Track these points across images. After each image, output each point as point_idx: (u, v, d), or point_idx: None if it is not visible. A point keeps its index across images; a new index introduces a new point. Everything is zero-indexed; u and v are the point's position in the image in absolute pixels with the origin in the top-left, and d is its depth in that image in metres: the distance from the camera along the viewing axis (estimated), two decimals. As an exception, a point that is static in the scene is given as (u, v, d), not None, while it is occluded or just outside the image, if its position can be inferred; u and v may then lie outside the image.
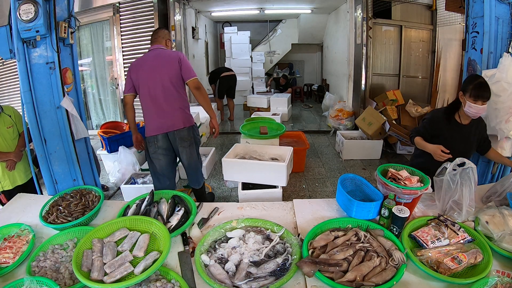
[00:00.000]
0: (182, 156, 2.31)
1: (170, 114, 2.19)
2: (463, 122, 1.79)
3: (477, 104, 1.64)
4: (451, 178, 1.46)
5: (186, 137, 2.24)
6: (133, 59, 4.73)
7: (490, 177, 2.17)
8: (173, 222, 1.45)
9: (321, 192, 3.29)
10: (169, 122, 2.20)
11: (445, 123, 1.81)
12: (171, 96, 2.17)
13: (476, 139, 1.84)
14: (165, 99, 2.17)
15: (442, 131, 1.81)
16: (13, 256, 1.29)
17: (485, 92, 1.63)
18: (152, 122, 2.23)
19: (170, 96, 2.17)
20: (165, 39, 2.32)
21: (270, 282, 1.12)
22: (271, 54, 8.45)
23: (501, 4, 1.90)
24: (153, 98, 2.18)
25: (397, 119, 4.21)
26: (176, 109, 2.20)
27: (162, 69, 2.15)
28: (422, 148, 1.81)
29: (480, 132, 1.84)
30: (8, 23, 1.68)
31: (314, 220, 1.52)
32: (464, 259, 1.17)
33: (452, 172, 1.47)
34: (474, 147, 1.86)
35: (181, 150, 2.28)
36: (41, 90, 1.72)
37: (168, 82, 2.15)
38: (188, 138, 2.26)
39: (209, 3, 6.22)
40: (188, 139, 2.26)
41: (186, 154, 2.30)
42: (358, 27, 4.70)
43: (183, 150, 2.28)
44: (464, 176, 1.45)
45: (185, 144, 2.26)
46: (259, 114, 5.23)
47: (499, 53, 1.95)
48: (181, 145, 2.25)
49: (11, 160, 2.10)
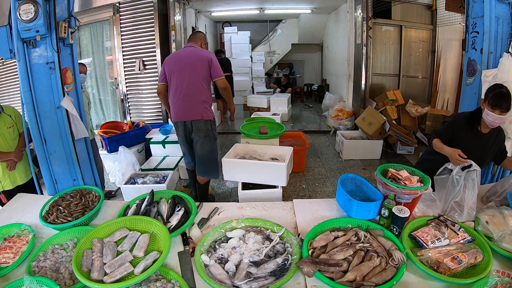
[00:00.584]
0: (196, 145, 2.50)
1: (192, 106, 2.40)
2: (483, 131, 1.76)
3: (495, 113, 1.60)
4: (456, 180, 1.47)
5: (202, 128, 2.44)
6: (133, 59, 4.75)
7: (490, 177, 2.18)
8: (173, 222, 1.45)
9: (321, 192, 3.29)
10: (189, 113, 2.41)
11: (466, 129, 1.78)
12: (196, 90, 2.39)
13: (494, 148, 1.81)
14: (191, 92, 2.39)
15: (461, 136, 1.77)
16: (13, 256, 1.29)
17: (503, 102, 1.58)
18: (176, 110, 2.46)
19: (196, 90, 2.39)
20: (201, 41, 2.59)
21: (270, 282, 1.12)
22: (271, 54, 8.45)
23: (501, 4, 1.90)
24: (180, 89, 2.39)
25: (397, 119, 4.22)
26: (198, 103, 2.40)
27: (193, 66, 2.37)
28: (439, 150, 1.76)
29: (498, 142, 1.82)
30: (8, 23, 1.68)
31: (314, 220, 1.52)
32: (464, 259, 1.17)
33: (458, 174, 1.47)
34: (490, 156, 1.84)
35: (196, 140, 2.48)
36: (41, 90, 1.72)
37: (196, 77, 2.37)
38: (203, 130, 2.45)
39: (209, 3, 6.21)
40: (204, 130, 2.45)
41: (200, 144, 2.48)
42: (358, 27, 4.70)
43: (198, 139, 2.47)
44: (468, 179, 1.46)
45: (201, 134, 2.46)
46: (259, 114, 5.23)
47: (499, 53, 1.95)
48: (197, 134, 2.46)
49: (11, 160, 2.10)
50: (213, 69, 2.40)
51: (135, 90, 4.95)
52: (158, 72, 4.76)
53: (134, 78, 4.89)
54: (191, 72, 2.36)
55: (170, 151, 3.76)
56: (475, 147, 1.75)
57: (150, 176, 3.07)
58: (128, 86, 4.94)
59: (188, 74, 2.36)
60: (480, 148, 1.77)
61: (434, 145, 1.81)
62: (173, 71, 2.41)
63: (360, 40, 4.68)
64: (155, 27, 4.61)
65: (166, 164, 3.55)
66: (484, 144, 1.78)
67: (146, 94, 4.93)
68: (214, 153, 2.58)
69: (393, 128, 3.94)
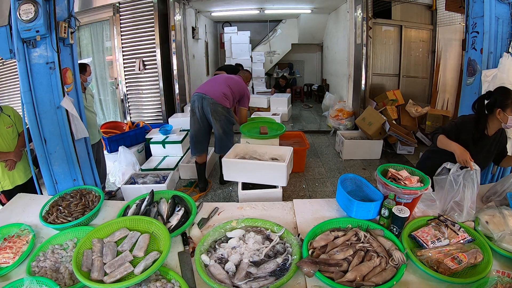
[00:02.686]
0: (215, 126, 2.92)
1: (216, 91, 2.86)
2: (489, 134, 1.75)
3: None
4: (454, 179, 1.46)
5: (220, 111, 2.85)
6: (133, 59, 4.75)
7: (490, 177, 2.17)
8: (173, 222, 1.45)
9: (321, 192, 3.29)
10: (212, 93, 2.85)
11: (473, 132, 1.75)
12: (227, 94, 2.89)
13: (496, 148, 1.81)
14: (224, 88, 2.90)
15: (468, 139, 1.75)
16: (13, 256, 1.29)
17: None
18: (201, 87, 2.98)
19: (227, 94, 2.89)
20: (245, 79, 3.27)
21: (270, 282, 1.12)
22: (271, 54, 8.45)
23: (501, 4, 1.90)
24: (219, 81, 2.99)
25: (397, 119, 4.22)
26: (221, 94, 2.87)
27: (232, 83, 2.98)
28: (444, 146, 1.71)
29: (501, 143, 1.82)
30: (8, 23, 1.68)
31: (314, 220, 1.52)
32: (464, 259, 1.17)
33: (456, 173, 1.47)
34: (493, 157, 1.85)
35: (214, 122, 2.89)
36: (41, 90, 1.72)
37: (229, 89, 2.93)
38: (221, 113, 2.87)
39: (209, 3, 6.21)
40: (221, 113, 2.87)
41: (217, 125, 2.90)
42: (358, 27, 4.69)
43: (216, 122, 2.88)
44: (468, 178, 1.45)
45: (217, 117, 2.87)
46: (259, 114, 5.22)
47: (499, 53, 1.95)
48: (214, 117, 2.86)
49: (10, 160, 2.10)
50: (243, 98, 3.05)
51: (135, 90, 4.96)
52: (158, 72, 4.77)
53: (134, 78, 4.89)
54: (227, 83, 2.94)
55: (170, 151, 3.76)
56: (481, 150, 1.75)
57: (150, 176, 3.07)
58: (128, 86, 4.94)
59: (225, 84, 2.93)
60: (485, 151, 1.77)
61: (440, 141, 1.75)
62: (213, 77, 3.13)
63: (360, 40, 4.67)
64: (155, 27, 4.61)
65: (166, 164, 3.55)
66: (489, 147, 1.78)
67: (146, 94, 4.94)
68: (229, 134, 2.99)
69: (393, 128, 3.94)
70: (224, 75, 3.17)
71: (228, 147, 2.70)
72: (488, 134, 1.75)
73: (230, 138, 3.01)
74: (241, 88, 3.03)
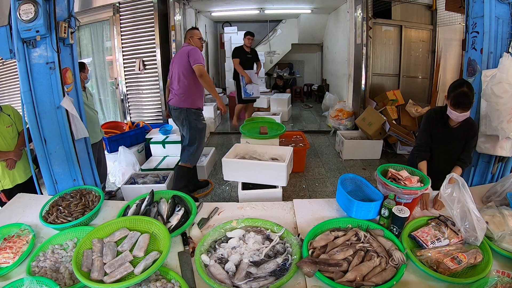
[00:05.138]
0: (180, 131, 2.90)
1: (173, 95, 2.78)
2: (451, 124, 1.80)
3: (457, 111, 1.64)
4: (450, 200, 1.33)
5: (178, 116, 2.78)
6: (133, 59, 4.75)
7: (490, 177, 2.17)
8: (173, 222, 1.45)
9: (321, 192, 3.29)
10: (172, 100, 2.80)
11: (438, 122, 1.84)
12: (181, 83, 2.73)
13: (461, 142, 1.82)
14: (177, 83, 2.75)
15: (434, 130, 1.84)
16: (13, 256, 1.29)
17: (465, 101, 1.61)
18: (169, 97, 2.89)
19: (180, 82, 2.73)
20: (188, 37, 2.90)
21: (270, 282, 1.12)
22: (271, 54, 8.44)
23: (501, 4, 1.89)
24: (172, 82, 2.82)
25: (397, 119, 4.21)
26: (178, 94, 2.74)
27: (178, 62, 2.73)
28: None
29: (467, 136, 1.81)
30: (8, 23, 1.68)
31: (314, 220, 1.52)
32: (464, 259, 1.17)
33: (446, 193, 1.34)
34: (459, 150, 1.85)
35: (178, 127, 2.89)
36: (41, 90, 1.72)
37: (179, 71, 2.71)
38: (179, 118, 2.78)
39: (209, 3, 6.21)
40: (180, 118, 2.77)
41: (181, 131, 2.88)
42: (358, 27, 4.69)
43: (178, 127, 2.88)
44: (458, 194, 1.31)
45: (178, 122, 2.82)
46: (259, 114, 5.22)
47: (499, 53, 1.94)
48: (176, 122, 2.85)
49: (10, 159, 2.10)
50: (190, 58, 2.63)
51: (135, 90, 4.95)
52: (158, 72, 4.78)
53: (134, 78, 4.88)
54: (177, 67, 2.73)
55: (170, 151, 3.76)
56: (444, 139, 1.82)
57: (150, 176, 3.07)
58: (128, 86, 4.94)
59: (176, 69, 2.74)
60: (448, 140, 1.83)
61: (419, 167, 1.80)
62: (171, 68, 2.85)
63: (360, 40, 4.67)
64: (155, 27, 4.61)
65: (166, 164, 3.54)
66: (455, 137, 1.82)
67: (146, 94, 4.93)
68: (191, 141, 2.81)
69: (393, 128, 3.94)
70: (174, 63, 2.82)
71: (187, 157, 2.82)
72: (450, 124, 1.80)
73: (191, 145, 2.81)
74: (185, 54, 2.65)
